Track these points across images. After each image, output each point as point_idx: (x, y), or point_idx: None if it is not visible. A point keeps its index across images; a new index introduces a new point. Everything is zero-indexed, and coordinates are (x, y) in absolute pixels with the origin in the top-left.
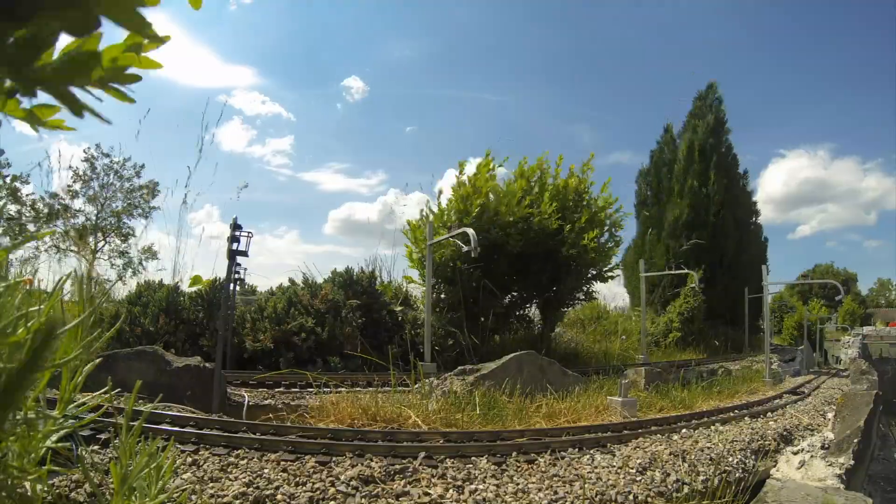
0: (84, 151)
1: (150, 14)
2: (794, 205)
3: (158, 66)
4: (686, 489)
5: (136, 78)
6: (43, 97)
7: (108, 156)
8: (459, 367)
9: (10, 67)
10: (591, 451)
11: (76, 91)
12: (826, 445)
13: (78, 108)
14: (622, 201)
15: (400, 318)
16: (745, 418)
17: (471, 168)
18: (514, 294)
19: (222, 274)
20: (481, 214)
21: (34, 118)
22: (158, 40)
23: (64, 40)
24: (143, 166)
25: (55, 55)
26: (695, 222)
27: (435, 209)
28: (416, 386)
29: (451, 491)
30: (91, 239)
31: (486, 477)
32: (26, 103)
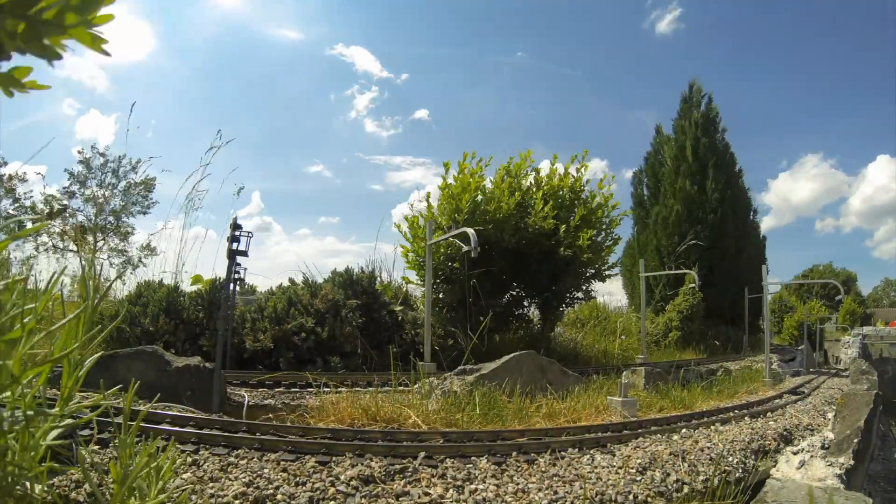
0: (79, 152)
1: None
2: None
3: None
4: (686, 489)
5: (108, 17)
6: (12, 62)
7: (104, 154)
8: (459, 367)
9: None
10: (591, 451)
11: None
12: (826, 445)
13: (55, 53)
14: None
15: (400, 318)
16: (745, 418)
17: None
18: (513, 293)
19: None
20: (472, 212)
21: (12, 80)
22: None
23: None
24: (138, 161)
25: None
26: (690, 222)
27: (425, 211)
28: (416, 386)
29: (451, 491)
30: (90, 238)
31: (486, 477)
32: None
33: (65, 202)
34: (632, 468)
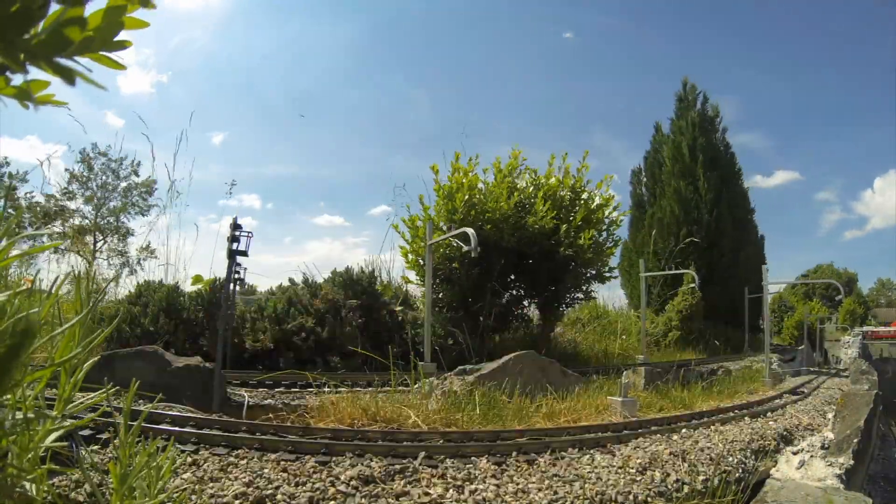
0: (80, 153)
1: None
2: None
3: (145, 24)
4: (686, 489)
5: (126, 44)
6: (32, 73)
7: (105, 155)
8: (459, 367)
9: (3, 41)
10: (591, 451)
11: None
12: (826, 445)
13: (70, 76)
14: None
15: (400, 318)
16: (745, 418)
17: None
18: (513, 293)
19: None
20: (468, 212)
21: (25, 94)
22: (146, 3)
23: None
24: (139, 164)
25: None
26: (687, 222)
27: (421, 213)
28: (416, 386)
29: (451, 491)
30: (90, 239)
31: (486, 477)
32: (16, 79)
33: (64, 203)
34: (632, 468)
